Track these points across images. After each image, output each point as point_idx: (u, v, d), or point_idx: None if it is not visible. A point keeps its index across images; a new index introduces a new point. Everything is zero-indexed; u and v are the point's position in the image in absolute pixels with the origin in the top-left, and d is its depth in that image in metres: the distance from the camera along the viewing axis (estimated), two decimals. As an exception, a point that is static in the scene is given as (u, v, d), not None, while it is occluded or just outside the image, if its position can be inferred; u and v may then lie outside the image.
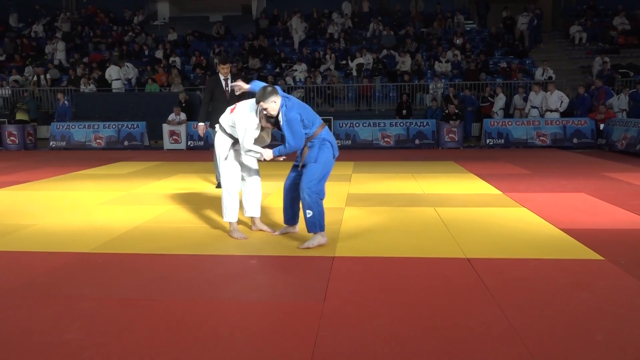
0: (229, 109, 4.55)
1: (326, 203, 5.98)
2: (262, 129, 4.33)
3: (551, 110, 13.29)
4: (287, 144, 4.06)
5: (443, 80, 15.54)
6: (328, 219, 5.24)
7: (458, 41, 17.35)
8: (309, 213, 4.13)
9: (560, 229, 4.73)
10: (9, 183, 7.82)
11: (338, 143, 13.38)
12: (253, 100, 4.29)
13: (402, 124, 13.60)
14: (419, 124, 13.54)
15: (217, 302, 3.16)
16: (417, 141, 13.41)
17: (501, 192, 6.63)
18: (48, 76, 17.28)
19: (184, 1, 23.39)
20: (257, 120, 4.25)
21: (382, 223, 5.11)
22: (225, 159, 4.54)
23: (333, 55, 17.17)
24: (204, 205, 6.07)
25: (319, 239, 4.24)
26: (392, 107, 15.21)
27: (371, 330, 2.75)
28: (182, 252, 4.15)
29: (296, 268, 3.81)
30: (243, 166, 4.64)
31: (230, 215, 4.61)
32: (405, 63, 16.31)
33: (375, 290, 3.33)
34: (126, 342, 2.63)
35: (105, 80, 16.51)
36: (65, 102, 15.10)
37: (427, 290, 3.33)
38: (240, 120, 4.27)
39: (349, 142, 13.65)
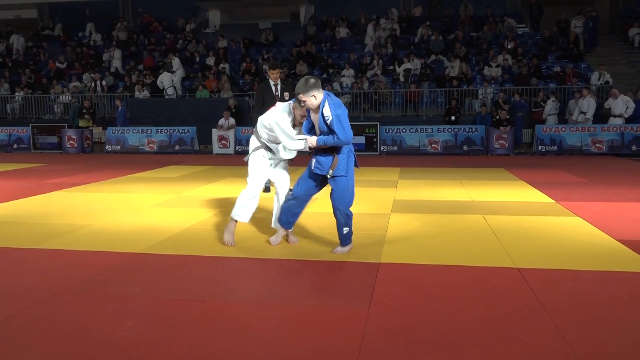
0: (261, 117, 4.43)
1: (371, 209, 5.97)
2: (294, 126, 4.21)
3: (615, 116, 12.77)
4: (336, 137, 3.84)
5: (493, 85, 15.20)
6: (373, 224, 5.22)
7: (509, 45, 16.94)
8: (346, 230, 4.12)
9: (617, 240, 4.53)
10: (68, 185, 8.18)
11: (384, 149, 13.46)
12: (286, 103, 4.24)
13: (450, 130, 13.39)
14: (467, 130, 13.30)
15: (264, 305, 3.19)
16: (465, 147, 13.16)
17: (554, 201, 6.41)
18: (104, 83, 18.00)
19: (234, 9, 23.88)
20: (290, 119, 4.15)
21: (429, 230, 5.04)
22: (247, 160, 4.49)
23: (380, 60, 17.11)
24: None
25: (350, 246, 4.25)
26: (440, 113, 15.00)
27: (416, 340, 2.71)
28: (230, 255, 4.22)
29: (341, 273, 3.81)
30: (276, 177, 4.56)
31: (242, 214, 4.50)
32: (454, 68, 16.06)
33: (421, 299, 3.28)
34: (176, 342, 2.69)
35: (158, 86, 17.04)
36: (121, 107, 15.68)
37: (475, 300, 3.25)
38: (273, 119, 4.16)
39: (395, 148, 13.54)
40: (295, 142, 4.15)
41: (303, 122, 4.17)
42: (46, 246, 4.53)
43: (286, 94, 7.06)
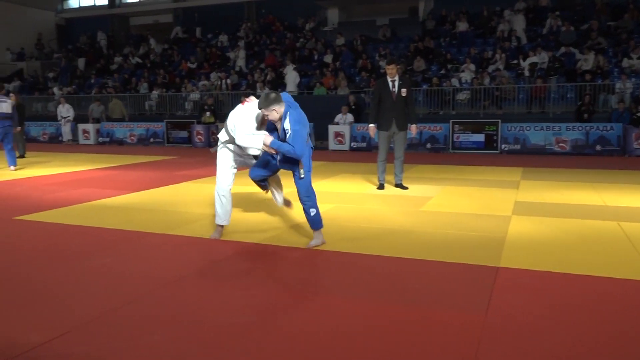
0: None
1: (489, 210, 5.72)
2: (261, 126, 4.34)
3: None
4: (292, 149, 4.05)
5: (633, 79, 13.79)
6: (491, 226, 5.00)
7: (654, 34, 15.25)
8: (313, 211, 4.30)
9: None
10: (195, 176, 8.81)
11: (505, 147, 12.81)
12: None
13: (580, 128, 12.39)
14: (601, 128, 12.21)
15: (374, 303, 3.19)
16: (598, 147, 12.11)
17: None
18: (229, 81, 19.10)
19: (352, 7, 24.08)
20: (253, 122, 4.26)
21: (554, 235, 4.71)
22: (213, 151, 4.54)
23: (503, 54, 16.27)
24: (366, 205, 6.18)
25: (321, 237, 4.36)
26: (569, 110, 13.93)
27: (535, 351, 2.55)
28: (344, 250, 4.27)
29: (457, 275, 3.69)
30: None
31: (223, 218, 4.61)
32: (587, 61, 14.81)
33: (542, 307, 3.08)
34: (287, 332, 2.79)
35: (280, 83, 17.70)
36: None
37: (601, 314, 2.98)
38: (235, 120, 4.33)
39: (517, 147, 12.83)
40: (250, 139, 4.21)
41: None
42: (177, 232, 4.92)
43: (403, 90, 6.97)
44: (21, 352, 2.52)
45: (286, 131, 4.07)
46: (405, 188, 7.18)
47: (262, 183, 4.73)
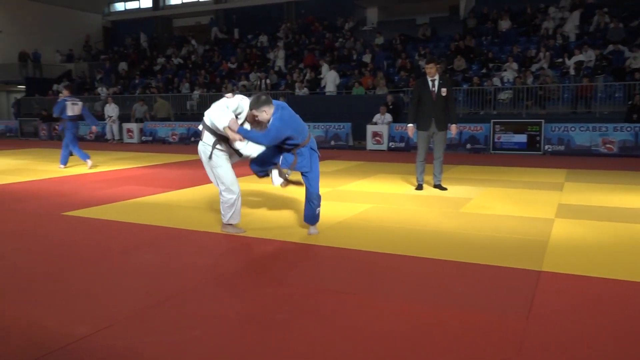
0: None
1: (531, 213, 5.57)
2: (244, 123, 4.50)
3: None
4: (259, 138, 4.31)
5: (687, 78, 13.19)
6: (533, 229, 4.87)
7: None
8: (319, 210, 4.73)
9: None
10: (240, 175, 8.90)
11: (549, 148, 12.46)
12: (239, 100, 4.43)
13: (629, 129, 11.94)
14: (651, 129, 11.73)
15: (413, 304, 3.16)
16: (647, 148, 11.64)
17: None
18: (268, 81, 19.27)
19: (391, 6, 23.91)
20: (229, 109, 4.35)
21: (600, 239, 4.55)
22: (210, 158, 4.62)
23: (547, 53, 15.83)
24: (405, 205, 6.13)
25: (315, 228, 4.77)
26: (617, 109, 13.44)
27: (576, 358, 2.47)
28: (382, 251, 4.25)
29: (497, 278, 3.61)
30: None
31: (235, 217, 4.77)
32: (637, 59, 14.25)
33: (586, 314, 2.98)
34: (327, 330, 2.79)
35: (317, 84, 17.76)
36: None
37: (656, 323, 2.86)
38: (213, 104, 4.43)
39: (561, 148, 12.48)
40: (220, 114, 4.30)
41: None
42: (215, 230, 4.99)
43: (443, 90, 6.87)
44: (67, 344, 2.61)
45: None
46: (445, 189, 7.08)
47: (261, 174, 4.95)
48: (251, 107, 4.35)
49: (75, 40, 28.72)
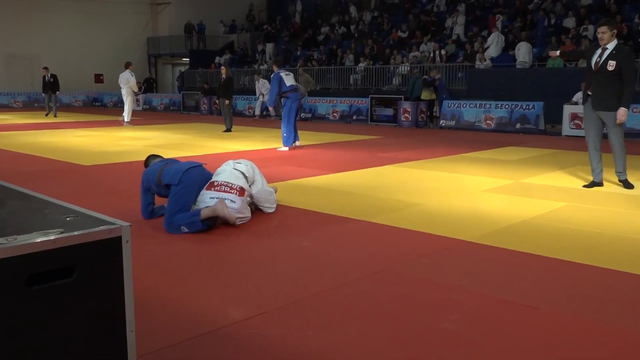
0: None
1: None
2: None
3: None
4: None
5: None
6: None
7: None
8: (185, 229, 4.58)
9: None
10: (400, 159, 8.97)
11: None
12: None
13: None
14: None
15: (609, 325, 2.88)
16: None
17: None
18: (443, 52, 18.86)
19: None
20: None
21: None
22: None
23: None
24: (609, 205, 5.63)
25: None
26: None
27: None
28: (575, 260, 3.95)
29: None
30: None
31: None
32: None
33: None
34: (504, 347, 2.67)
35: (500, 55, 16.95)
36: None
37: None
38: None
39: None
40: None
41: None
42: (377, 220, 5.07)
43: (611, 63, 6.33)
44: (221, 326, 2.86)
45: None
46: (630, 186, 6.43)
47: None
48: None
49: (239, 11, 31.06)
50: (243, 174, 4.95)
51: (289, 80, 10.34)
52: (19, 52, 27.08)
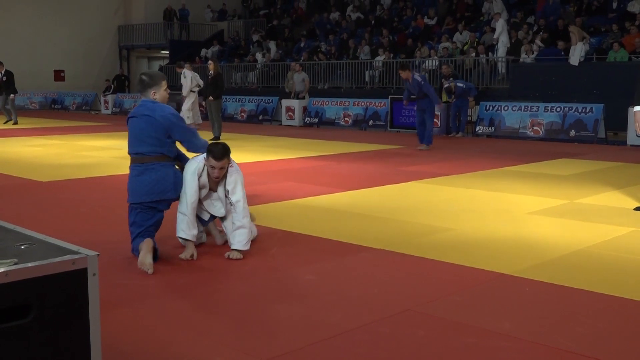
0: None
1: None
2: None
3: None
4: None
5: None
6: None
7: None
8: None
9: None
10: (427, 174, 8.97)
11: None
12: None
13: None
14: None
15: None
16: None
17: None
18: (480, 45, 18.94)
19: None
20: None
21: None
22: None
23: None
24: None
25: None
26: None
27: None
28: (637, 298, 3.95)
29: None
30: None
31: None
32: None
33: None
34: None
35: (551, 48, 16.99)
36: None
37: None
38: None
39: None
40: None
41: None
42: (398, 249, 5.07)
43: None
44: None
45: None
46: None
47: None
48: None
49: (232, -7, 31.20)
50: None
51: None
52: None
